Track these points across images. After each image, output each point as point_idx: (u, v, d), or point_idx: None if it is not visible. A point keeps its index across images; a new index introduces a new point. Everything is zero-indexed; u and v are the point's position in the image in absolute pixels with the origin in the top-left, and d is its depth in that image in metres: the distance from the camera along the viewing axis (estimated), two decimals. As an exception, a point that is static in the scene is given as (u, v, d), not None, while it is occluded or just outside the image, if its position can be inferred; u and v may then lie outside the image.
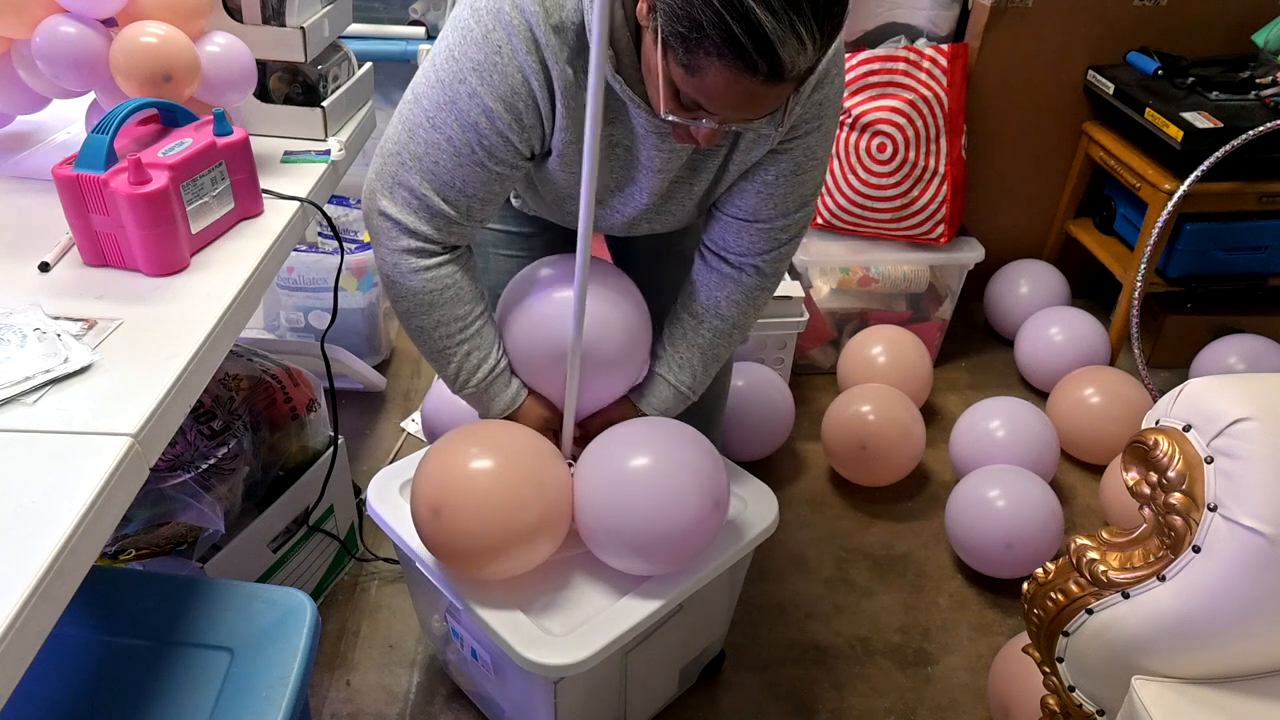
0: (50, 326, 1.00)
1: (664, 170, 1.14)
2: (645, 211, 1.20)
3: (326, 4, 1.47)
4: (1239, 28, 2.30)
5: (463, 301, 1.18)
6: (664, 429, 1.25)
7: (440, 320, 1.18)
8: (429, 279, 1.15)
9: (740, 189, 1.18)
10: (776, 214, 1.19)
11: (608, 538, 1.20)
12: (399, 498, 1.36)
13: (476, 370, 1.22)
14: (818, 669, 1.66)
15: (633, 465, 1.19)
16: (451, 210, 1.12)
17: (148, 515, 1.34)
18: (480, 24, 1.01)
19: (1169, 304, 2.39)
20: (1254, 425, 1.01)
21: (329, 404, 1.61)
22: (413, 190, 1.10)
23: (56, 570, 0.74)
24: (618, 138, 1.11)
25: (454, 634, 1.39)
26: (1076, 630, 1.14)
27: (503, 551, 1.16)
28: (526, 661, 1.14)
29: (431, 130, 1.07)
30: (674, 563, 1.23)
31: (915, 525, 1.98)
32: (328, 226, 1.91)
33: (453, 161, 1.08)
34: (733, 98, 0.92)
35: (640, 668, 1.35)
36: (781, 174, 1.15)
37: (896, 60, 2.15)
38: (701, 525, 1.18)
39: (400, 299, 1.18)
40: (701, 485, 1.18)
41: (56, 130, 1.50)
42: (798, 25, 0.85)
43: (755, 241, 1.22)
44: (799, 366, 2.32)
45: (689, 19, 0.86)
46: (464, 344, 1.20)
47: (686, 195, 1.19)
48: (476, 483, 1.16)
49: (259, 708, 0.97)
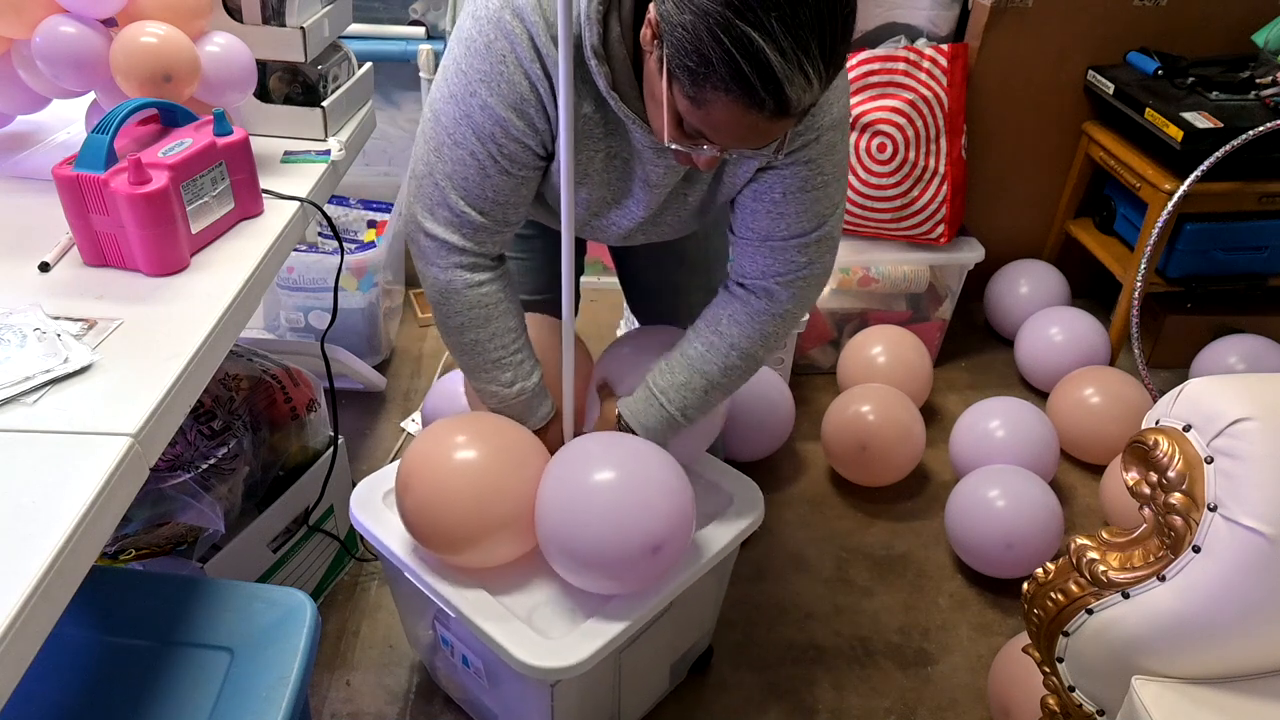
0: (50, 326, 1.00)
1: (660, 185, 1.14)
2: (641, 224, 1.21)
3: (326, 4, 1.47)
4: (1239, 28, 2.30)
5: (513, 314, 1.22)
6: (633, 448, 1.20)
7: (496, 332, 1.20)
8: (484, 294, 1.18)
9: (753, 210, 1.16)
10: (790, 234, 1.17)
11: (558, 552, 1.17)
12: (382, 505, 1.34)
13: (530, 375, 1.24)
14: (818, 669, 1.66)
15: (590, 481, 1.15)
16: (489, 221, 1.14)
17: (148, 515, 1.34)
18: (483, 34, 1.02)
19: (1169, 304, 2.39)
20: (1254, 425, 1.01)
21: (329, 404, 1.61)
22: (452, 208, 1.12)
23: (56, 570, 0.74)
24: (616, 150, 1.12)
25: (443, 641, 1.38)
26: (1076, 630, 1.14)
27: (479, 535, 1.16)
28: (524, 666, 1.13)
29: (455, 147, 1.09)
30: (630, 584, 1.19)
31: (915, 525, 1.98)
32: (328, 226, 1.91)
33: (480, 175, 1.10)
34: (737, 130, 0.93)
35: (633, 666, 1.35)
36: (789, 191, 1.13)
37: (896, 60, 2.15)
38: (653, 552, 1.13)
39: (454, 315, 1.19)
40: (657, 511, 1.14)
41: (56, 130, 1.50)
42: (805, 65, 0.86)
43: (770, 263, 1.19)
44: (799, 366, 2.32)
45: (698, 54, 0.87)
46: (519, 352, 1.22)
47: (681, 207, 1.20)
48: (454, 463, 1.17)
49: (259, 708, 0.97)
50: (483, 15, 1.02)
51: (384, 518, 1.32)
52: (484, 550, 1.20)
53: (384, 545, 1.29)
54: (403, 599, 1.48)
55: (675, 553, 1.17)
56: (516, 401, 1.24)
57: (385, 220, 2.30)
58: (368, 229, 2.31)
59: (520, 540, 1.21)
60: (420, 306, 2.54)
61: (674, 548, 1.16)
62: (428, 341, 2.45)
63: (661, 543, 1.13)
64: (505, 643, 1.15)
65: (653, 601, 1.22)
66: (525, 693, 1.26)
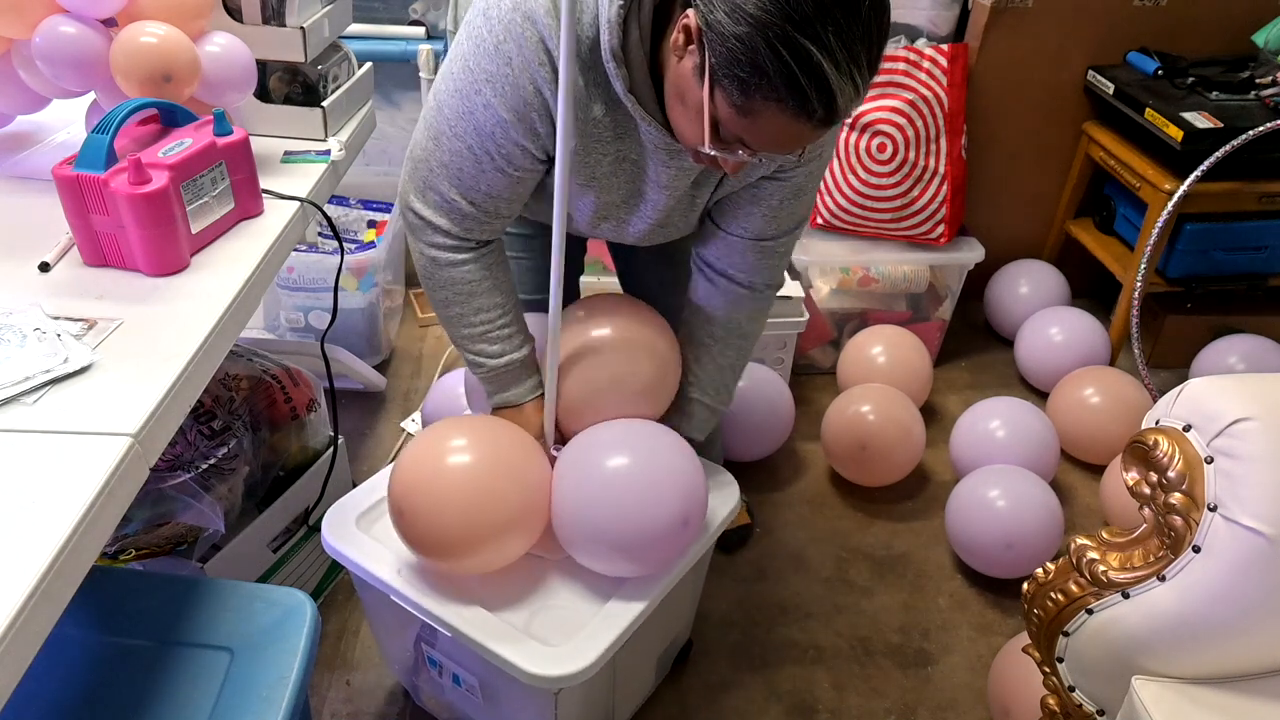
0: (50, 326, 1.00)
1: (670, 187, 1.15)
2: (652, 227, 1.23)
3: (326, 4, 1.47)
4: (1239, 28, 2.30)
5: (499, 291, 1.23)
6: (642, 430, 1.24)
7: (481, 307, 1.22)
8: (465, 272, 1.20)
9: (747, 212, 1.23)
10: (778, 233, 1.26)
11: (585, 540, 1.19)
12: (356, 529, 1.29)
13: (520, 349, 1.25)
14: (818, 669, 1.66)
15: (609, 466, 1.18)
16: (478, 211, 1.16)
17: (148, 515, 1.34)
18: (493, 34, 1.02)
19: (1169, 304, 2.39)
20: (1254, 425, 1.01)
21: (329, 404, 1.62)
22: (442, 194, 1.15)
23: (56, 570, 0.74)
24: (625, 152, 1.12)
25: (430, 663, 1.34)
26: (1076, 630, 1.14)
27: (479, 540, 1.15)
28: (532, 676, 1.11)
29: (454, 139, 1.10)
30: (655, 563, 1.22)
31: (915, 525, 1.98)
32: (328, 226, 1.91)
33: (475, 168, 1.11)
34: (781, 138, 0.95)
35: (625, 664, 1.34)
36: (785, 198, 1.21)
37: (896, 60, 2.15)
38: (684, 524, 1.18)
39: (438, 289, 1.22)
40: (679, 485, 1.19)
41: (56, 130, 1.50)
42: (856, 77, 0.88)
43: (759, 259, 1.28)
44: (799, 366, 2.32)
45: (751, 65, 0.87)
46: (506, 327, 1.24)
47: (689, 208, 1.22)
48: (450, 469, 1.16)
49: (259, 708, 0.97)
50: (494, 15, 1.02)
51: (359, 542, 1.27)
52: (485, 555, 1.18)
53: (364, 569, 1.25)
54: (380, 621, 1.45)
55: (699, 525, 1.23)
56: (504, 371, 1.26)
57: (385, 220, 2.30)
58: (368, 229, 2.31)
59: (519, 541, 1.21)
60: (420, 306, 2.54)
61: (698, 519, 1.22)
62: (428, 341, 2.45)
63: (689, 515, 1.18)
64: (510, 656, 1.13)
65: (653, 594, 1.22)
66: (526, 705, 1.24)
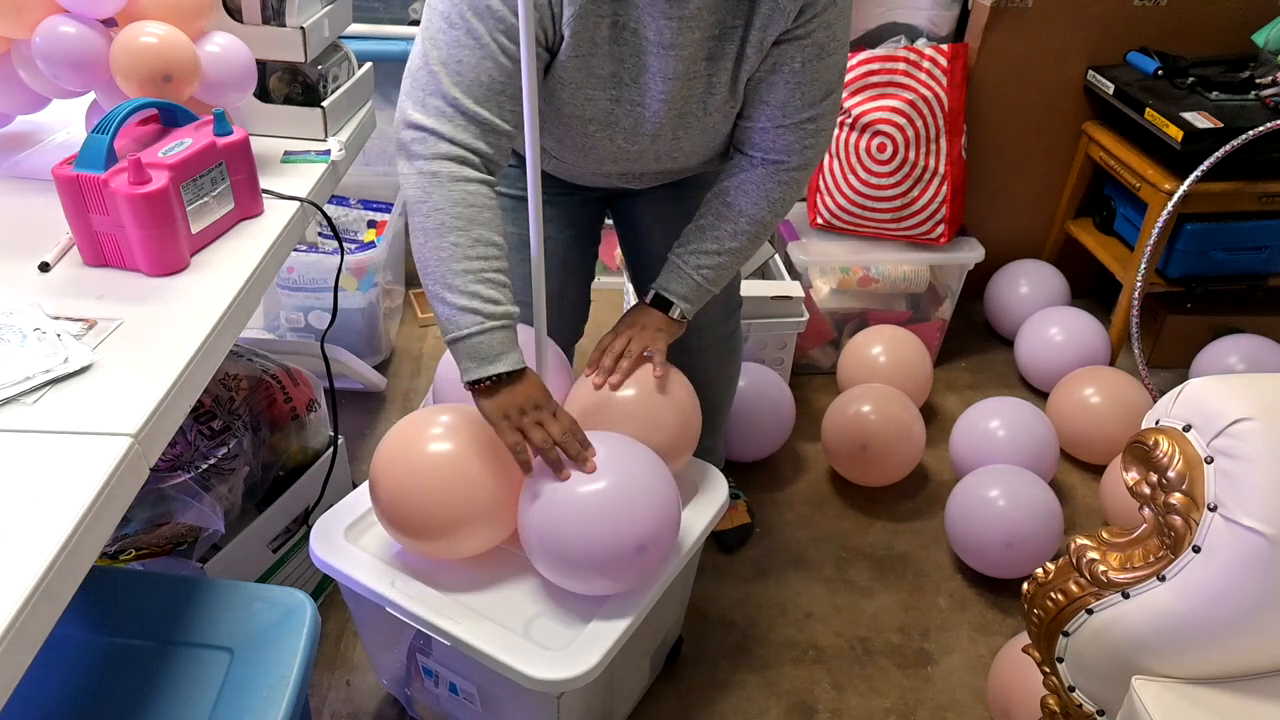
0: (50, 326, 1.00)
1: (676, 45, 1.12)
2: (670, 116, 1.19)
3: (326, 4, 1.47)
4: (1239, 28, 2.30)
5: (499, 232, 1.12)
6: (618, 451, 1.18)
7: (480, 239, 1.10)
8: (470, 190, 1.10)
9: (770, 83, 1.19)
10: (804, 104, 1.21)
11: (543, 553, 1.16)
12: (344, 540, 1.28)
13: (515, 305, 1.13)
14: (818, 669, 1.66)
15: (573, 486, 1.14)
16: (483, 110, 1.09)
17: (148, 515, 1.34)
18: None
19: (1169, 304, 2.39)
20: (1254, 425, 1.01)
21: (329, 404, 1.61)
22: (444, 96, 1.08)
23: (56, 570, 0.74)
24: (624, 19, 1.11)
25: (425, 673, 1.33)
26: (1076, 630, 1.14)
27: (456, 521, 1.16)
28: (535, 681, 1.10)
29: (449, 29, 1.07)
30: (612, 586, 1.19)
31: (915, 525, 1.98)
32: (328, 226, 1.91)
33: (475, 56, 1.07)
34: None
35: (621, 663, 1.34)
36: (808, 60, 1.17)
37: (896, 60, 2.15)
38: (638, 550, 1.14)
39: (434, 212, 1.09)
40: (641, 511, 1.15)
41: (56, 130, 1.50)
42: None
43: (784, 136, 1.23)
44: (799, 366, 2.32)
45: None
46: (501, 274, 1.12)
47: (707, 90, 1.19)
48: (428, 449, 1.17)
49: (259, 708, 0.97)
50: None
51: (349, 554, 1.26)
52: (461, 538, 1.18)
53: (356, 582, 1.23)
54: (371, 633, 1.44)
55: (661, 550, 1.18)
56: (497, 329, 1.11)
57: (385, 220, 2.30)
58: (368, 229, 2.31)
59: (497, 527, 1.20)
60: (420, 306, 2.54)
61: (661, 545, 1.17)
62: (428, 341, 2.45)
63: (646, 541, 1.14)
64: (512, 661, 1.12)
65: (649, 595, 1.21)
66: (528, 710, 1.24)
